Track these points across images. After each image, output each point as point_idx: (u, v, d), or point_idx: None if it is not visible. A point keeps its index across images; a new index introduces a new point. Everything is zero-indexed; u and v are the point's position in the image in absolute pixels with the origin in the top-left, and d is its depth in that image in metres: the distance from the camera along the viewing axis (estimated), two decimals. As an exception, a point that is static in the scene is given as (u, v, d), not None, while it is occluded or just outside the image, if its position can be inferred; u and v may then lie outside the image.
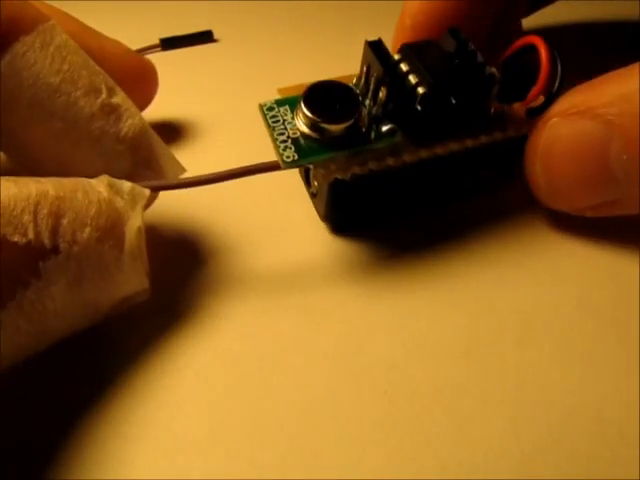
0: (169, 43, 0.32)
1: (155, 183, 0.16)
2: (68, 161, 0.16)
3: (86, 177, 0.15)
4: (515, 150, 0.19)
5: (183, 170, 0.18)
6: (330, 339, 0.16)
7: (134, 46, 0.31)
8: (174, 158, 0.18)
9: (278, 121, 0.17)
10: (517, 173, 0.19)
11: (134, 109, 0.17)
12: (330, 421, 0.14)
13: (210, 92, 0.28)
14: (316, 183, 0.19)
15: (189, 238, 0.19)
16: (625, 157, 0.16)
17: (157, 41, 0.32)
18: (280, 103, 0.17)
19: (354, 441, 0.14)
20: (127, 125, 0.16)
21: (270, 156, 0.17)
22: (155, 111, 0.25)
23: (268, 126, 0.17)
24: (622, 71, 0.16)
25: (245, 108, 0.27)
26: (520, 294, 0.17)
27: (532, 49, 0.18)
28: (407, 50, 0.18)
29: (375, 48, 0.17)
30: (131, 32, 0.34)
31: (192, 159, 0.23)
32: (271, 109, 0.17)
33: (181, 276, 0.18)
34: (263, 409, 0.15)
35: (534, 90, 0.18)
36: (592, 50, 0.29)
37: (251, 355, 0.16)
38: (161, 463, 0.14)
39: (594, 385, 0.15)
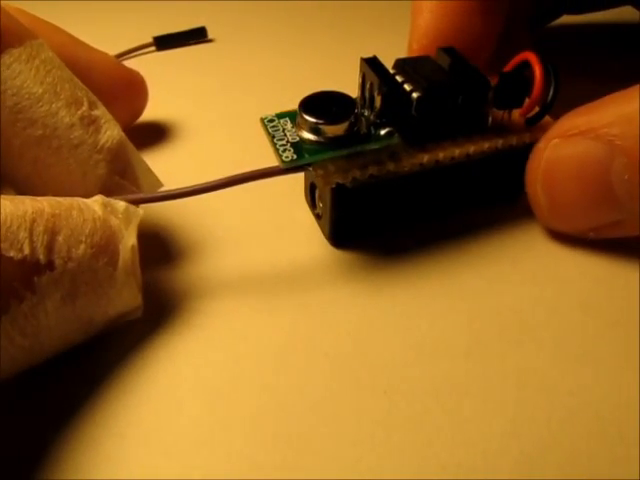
0: (162, 41, 0.32)
1: (157, 194, 0.17)
2: (46, 166, 0.16)
3: (63, 183, 0.16)
4: (519, 165, 0.19)
5: (160, 184, 0.19)
6: (330, 339, 0.16)
7: (128, 45, 0.31)
8: (150, 171, 0.18)
9: (278, 130, 0.17)
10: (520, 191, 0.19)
11: (113, 122, 0.17)
12: (330, 421, 0.14)
13: (205, 92, 0.28)
14: (321, 204, 0.19)
15: (187, 241, 0.20)
16: (627, 177, 0.16)
17: (151, 40, 0.32)
18: (280, 116, 0.18)
19: (354, 441, 0.14)
20: (106, 136, 0.17)
21: (266, 155, 0.18)
22: (149, 111, 0.25)
23: (268, 134, 0.17)
24: (623, 93, 0.16)
25: (240, 108, 0.27)
26: (520, 295, 0.17)
27: (529, 64, 0.18)
28: (401, 64, 0.18)
29: (370, 63, 0.17)
30: (125, 32, 0.34)
31: (188, 159, 0.24)
32: (271, 121, 0.18)
33: (180, 276, 0.18)
34: (263, 409, 0.15)
35: (528, 103, 0.18)
36: (593, 53, 0.29)
37: (251, 355, 0.16)
38: (160, 463, 0.14)
39: (594, 385, 0.15)
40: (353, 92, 0.18)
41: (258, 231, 0.20)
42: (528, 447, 0.14)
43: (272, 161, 0.17)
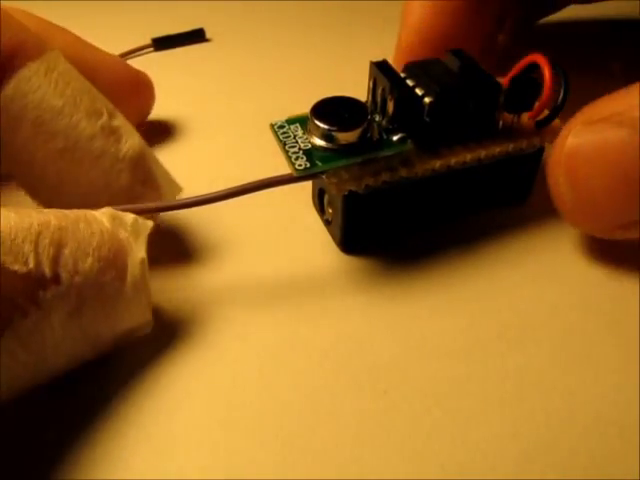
0: (161, 43, 0.32)
1: (168, 203, 0.17)
2: (70, 178, 0.16)
3: (87, 194, 0.16)
4: (529, 167, 0.19)
5: (180, 189, 0.19)
6: (330, 339, 0.16)
7: (126, 46, 0.31)
8: (171, 177, 0.18)
9: (289, 136, 0.17)
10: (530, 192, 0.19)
11: (133, 131, 0.17)
12: (330, 421, 0.14)
13: (203, 92, 0.28)
14: (330, 210, 0.19)
15: (193, 248, 0.19)
16: None
17: (149, 41, 0.32)
18: (290, 122, 0.18)
19: (354, 441, 0.14)
20: (127, 146, 0.17)
21: (268, 156, 0.18)
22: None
23: (279, 141, 0.17)
24: None
25: (239, 108, 0.27)
26: (520, 295, 0.17)
27: (537, 66, 0.18)
28: (411, 68, 0.18)
29: (380, 67, 0.17)
30: (123, 32, 0.34)
31: (188, 160, 0.23)
32: (282, 127, 0.18)
33: (186, 283, 0.18)
34: (263, 409, 0.15)
35: (538, 106, 0.18)
36: (595, 53, 0.29)
37: (251, 356, 0.16)
38: (161, 464, 0.14)
39: (594, 385, 0.15)
40: (355, 94, 0.18)
41: (265, 236, 0.20)
42: (528, 447, 0.14)
43: (274, 163, 0.17)
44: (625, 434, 0.14)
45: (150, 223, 0.15)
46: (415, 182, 0.17)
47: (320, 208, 0.20)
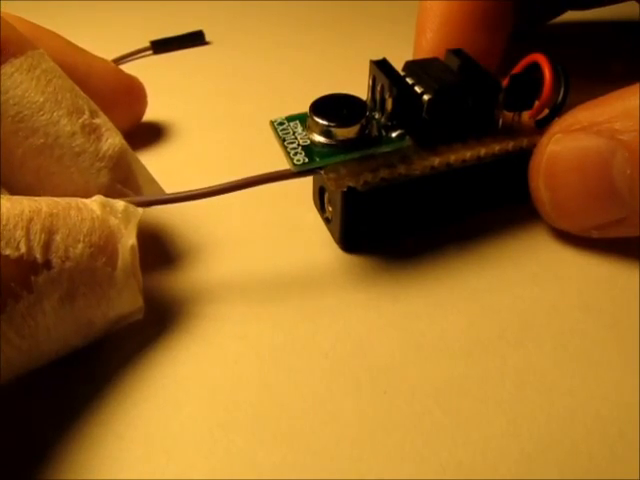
0: (160, 45, 0.32)
1: (165, 197, 0.17)
2: (48, 175, 0.17)
3: (66, 192, 0.16)
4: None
5: (162, 192, 0.19)
6: (330, 338, 0.16)
7: (125, 49, 0.31)
8: (152, 178, 0.19)
9: (288, 133, 0.17)
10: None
11: (115, 131, 0.17)
12: (330, 421, 0.14)
13: (203, 95, 0.28)
14: (330, 208, 0.19)
15: (193, 244, 0.20)
16: (628, 172, 0.16)
17: (148, 44, 0.32)
18: (290, 119, 0.18)
19: (354, 441, 0.14)
20: (107, 144, 0.17)
21: (268, 157, 0.18)
22: (148, 114, 0.25)
23: (278, 137, 0.17)
24: (625, 89, 0.16)
25: (239, 110, 0.27)
26: (521, 295, 0.17)
27: (538, 66, 0.18)
28: (411, 66, 0.18)
29: (380, 66, 0.17)
30: (121, 35, 0.34)
31: (187, 162, 0.24)
32: (281, 124, 0.18)
33: (185, 280, 0.18)
34: (263, 409, 0.15)
35: (538, 105, 0.18)
36: (595, 53, 0.29)
37: (250, 355, 0.16)
38: (158, 464, 0.14)
39: (594, 385, 0.15)
40: (355, 94, 0.18)
41: (265, 234, 0.20)
42: (528, 447, 0.14)
43: (274, 163, 0.17)
44: (625, 434, 0.14)
45: (140, 210, 0.16)
46: (414, 180, 0.17)
47: (320, 206, 0.20)
